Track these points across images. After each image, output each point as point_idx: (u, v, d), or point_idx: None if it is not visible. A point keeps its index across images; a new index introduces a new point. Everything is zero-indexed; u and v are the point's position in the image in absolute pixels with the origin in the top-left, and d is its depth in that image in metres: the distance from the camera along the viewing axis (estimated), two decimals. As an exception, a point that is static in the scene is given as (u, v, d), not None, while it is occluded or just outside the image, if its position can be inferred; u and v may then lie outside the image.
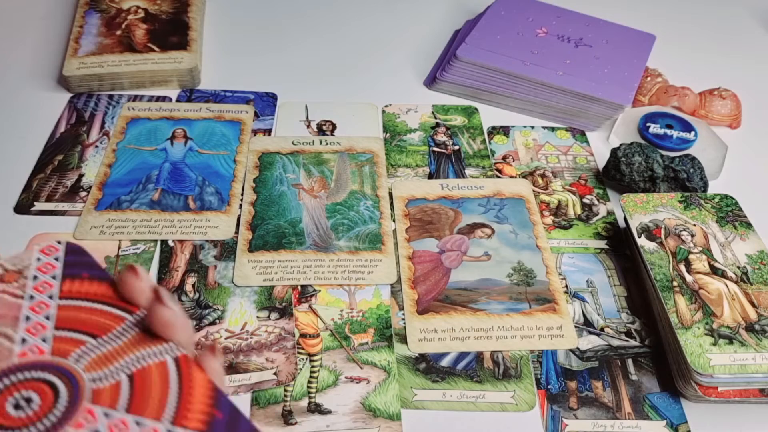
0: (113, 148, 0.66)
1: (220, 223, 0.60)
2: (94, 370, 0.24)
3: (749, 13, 0.94)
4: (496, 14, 0.80)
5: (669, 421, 0.48)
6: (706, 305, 0.50)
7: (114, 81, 0.72)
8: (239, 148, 0.67)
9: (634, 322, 0.54)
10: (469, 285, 0.56)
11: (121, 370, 0.24)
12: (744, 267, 0.54)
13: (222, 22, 0.85)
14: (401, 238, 0.59)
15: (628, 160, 0.63)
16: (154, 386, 0.24)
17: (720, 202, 0.59)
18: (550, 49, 0.75)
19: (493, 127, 0.72)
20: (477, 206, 0.62)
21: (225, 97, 0.73)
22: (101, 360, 0.24)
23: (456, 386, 0.50)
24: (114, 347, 0.25)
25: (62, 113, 0.70)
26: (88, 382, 0.23)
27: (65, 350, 0.24)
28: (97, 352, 0.24)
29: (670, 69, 0.77)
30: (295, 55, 0.81)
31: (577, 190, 0.66)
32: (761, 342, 0.48)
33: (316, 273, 0.56)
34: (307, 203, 0.62)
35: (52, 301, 0.25)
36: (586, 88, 0.71)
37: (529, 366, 0.51)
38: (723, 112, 0.73)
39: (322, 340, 0.52)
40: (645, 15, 0.89)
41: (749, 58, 0.85)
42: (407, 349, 0.52)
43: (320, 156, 0.67)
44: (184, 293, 0.54)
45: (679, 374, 0.49)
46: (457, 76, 0.74)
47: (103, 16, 0.78)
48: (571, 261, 0.59)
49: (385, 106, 0.74)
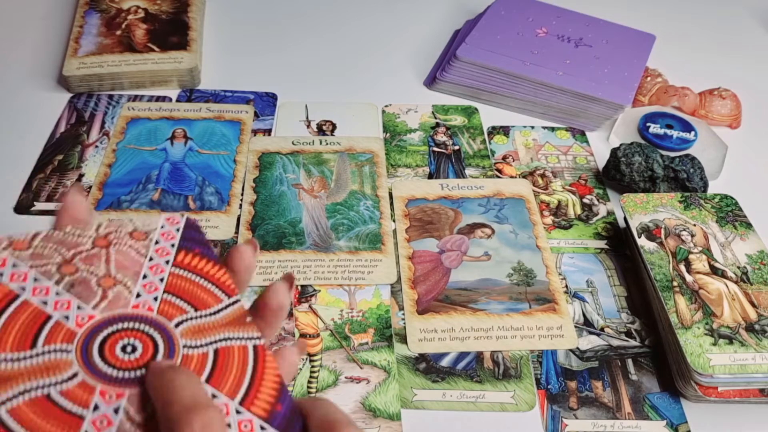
0: (113, 148, 0.66)
1: (220, 223, 0.60)
2: (189, 337, 0.26)
3: (749, 13, 0.94)
4: (496, 14, 0.80)
5: (669, 421, 0.48)
6: (706, 305, 0.50)
7: (114, 81, 0.72)
8: (239, 148, 0.67)
9: (634, 322, 0.54)
10: (469, 285, 0.56)
11: (210, 344, 0.26)
12: (744, 267, 0.54)
13: (222, 22, 0.85)
14: (401, 238, 0.59)
15: (628, 160, 0.63)
16: (234, 367, 0.26)
17: (720, 202, 0.59)
18: (550, 49, 0.75)
19: (493, 127, 0.72)
20: (477, 206, 0.62)
21: (225, 97, 0.73)
22: (196, 330, 0.26)
23: (456, 386, 0.50)
24: (208, 322, 0.27)
25: (62, 113, 0.70)
26: (182, 347, 0.26)
27: (170, 313, 0.27)
28: (195, 323, 0.27)
29: (670, 69, 0.77)
30: (295, 55, 0.81)
31: (577, 190, 0.66)
32: (761, 342, 0.48)
33: (316, 273, 0.56)
34: (307, 203, 0.62)
35: (167, 267, 0.28)
36: (586, 88, 0.71)
37: (529, 366, 0.51)
38: (723, 112, 0.73)
39: (322, 340, 0.52)
40: (645, 15, 0.89)
41: (749, 58, 0.85)
42: (407, 349, 0.52)
43: (320, 156, 0.67)
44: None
45: (679, 374, 0.49)
46: (457, 76, 0.74)
47: (103, 16, 0.78)
48: (571, 261, 0.59)
49: (385, 106, 0.74)
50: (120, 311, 0.26)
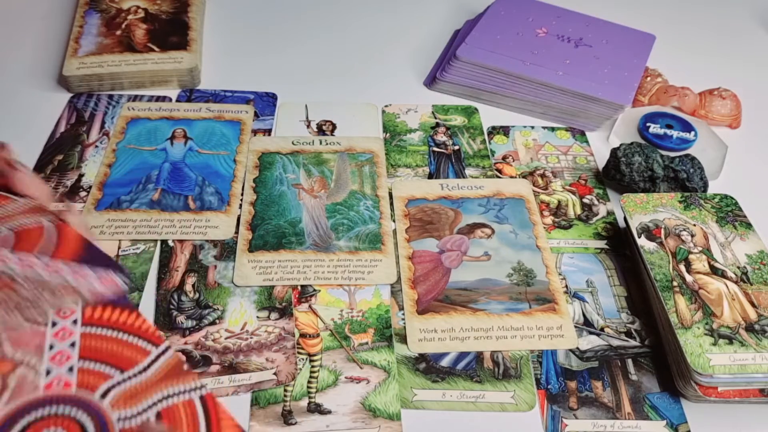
0: (113, 148, 0.66)
1: (220, 223, 0.60)
2: (122, 407, 0.23)
3: (749, 14, 0.94)
4: (496, 14, 0.80)
5: (669, 421, 0.48)
6: (706, 305, 0.50)
7: (114, 81, 0.72)
8: (239, 148, 0.67)
9: (634, 322, 0.54)
10: (469, 285, 0.56)
11: (149, 408, 0.23)
12: (744, 267, 0.54)
13: (222, 22, 0.85)
14: (401, 238, 0.59)
15: (628, 160, 0.63)
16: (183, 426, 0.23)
17: (720, 202, 0.59)
18: (550, 49, 0.75)
19: (493, 127, 0.72)
20: (477, 206, 0.62)
21: (225, 97, 0.73)
22: (129, 396, 0.23)
23: (456, 386, 0.50)
24: (141, 382, 0.23)
25: (62, 113, 0.70)
26: (116, 422, 0.22)
27: (92, 383, 0.23)
28: (124, 387, 0.23)
29: (670, 69, 0.78)
30: (295, 55, 0.81)
31: (577, 190, 0.66)
32: (761, 342, 0.48)
33: (316, 273, 0.56)
34: (307, 203, 0.62)
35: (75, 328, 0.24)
36: (586, 88, 0.71)
37: (529, 366, 0.51)
38: (723, 112, 0.73)
39: (322, 340, 0.52)
40: (645, 15, 0.89)
41: (749, 58, 0.85)
42: (407, 349, 0.52)
43: (320, 156, 0.67)
44: (184, 293, 0.54)
45: (679, 374, 0.49)
46: (457, 76, 0.74)
47: (103, 16, 0.78)
48: (571, 261, 0.59)
49: (385, 106, 0.74)
50: (30, 397, 0.22)
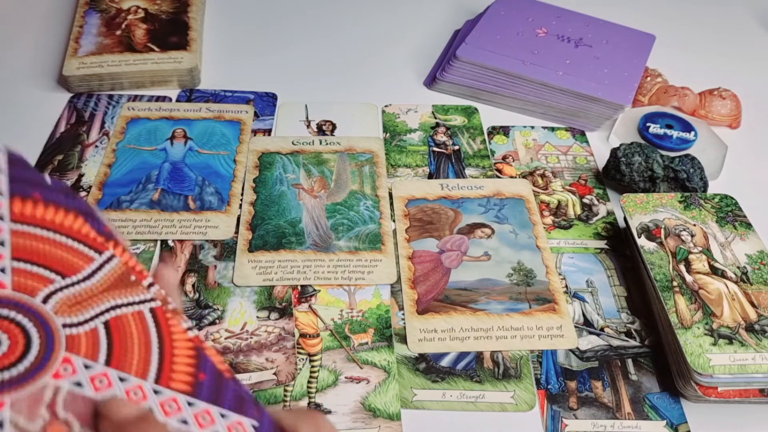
0: (113, 148, 0.66)
1: (220, 223, 0.60)
2: (65, 314, 0.20)
3: (749, 13, 0.94)
4: (496, 14, 0.80)
5: (669, 421, 0.48)
6: (705, 305, 0.50)
7: (114, 81, 0.72)
8: (239, 148, 0.67)
9: (634, 322, 0.54)
10: (469, 285, 0.56)
11: (97, 317, 0.21)
12: (744, 267, 0.54)
13: (222, 22, 0.85)
14: (401, 238, 0.59)
15: (628, 160, 0.63)
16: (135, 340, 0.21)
17: (720, 202, 0.59)
18: (550, 49, 0.75)
19: (493, 127, 0.72)
20: (477, 206, 0.62)
21: (225, 97, 0.73)
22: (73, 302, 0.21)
23: (456, 386, 0.50)
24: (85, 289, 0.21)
25: (62, 113, 0.70)
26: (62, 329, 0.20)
27: (31, 286, 0.20)
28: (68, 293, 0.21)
29: (670, 69, 0.77)
30: (295, 55, 0.81)
31: (577, 190, 0.66)
32: (761, 342, 0.48)
33: (316, 273, 0.56)
34: (307, 203, 0.62)
35: (4, 224, 0.21)
36: (586, 88, 0.71)
37: (529, 366, 0.51)
38: (723, 112, 0.73)
39: (322, 340, 0.52)
40: (645, 15, 0.89)
41: (749, 58, 0.85)
42: (407, 349, 0.52)
43: (320, 156, 0.67)
44: (184, 293, 0.54)
45: (679, 374, 0.49)
46: (457, 76, 0.74)
47: (103, 16, 0.78)
48: (571, 261, 0.59)
49: (385, 106, 0.74)
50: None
